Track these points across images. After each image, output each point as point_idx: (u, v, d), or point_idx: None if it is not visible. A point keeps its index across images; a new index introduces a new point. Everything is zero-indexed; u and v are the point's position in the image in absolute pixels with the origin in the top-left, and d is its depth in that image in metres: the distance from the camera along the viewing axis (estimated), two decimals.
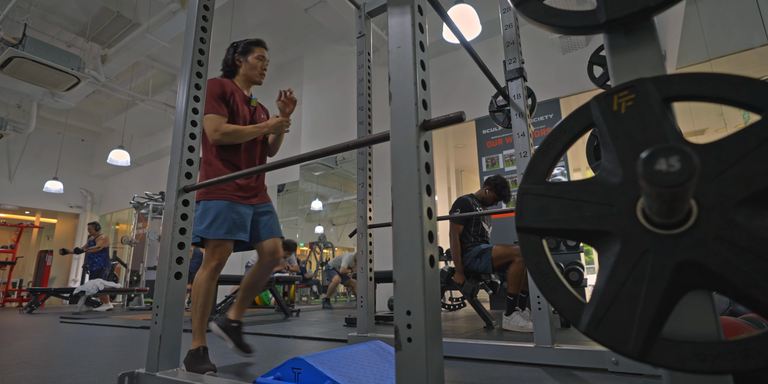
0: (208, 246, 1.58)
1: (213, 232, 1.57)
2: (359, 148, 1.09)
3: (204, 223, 1.58)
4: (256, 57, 1.78)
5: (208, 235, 1.56)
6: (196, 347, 1.47)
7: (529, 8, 0.59)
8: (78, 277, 9.74)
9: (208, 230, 1.57)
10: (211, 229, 1.57)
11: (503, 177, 3.00)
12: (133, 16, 5.68)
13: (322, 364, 1.16)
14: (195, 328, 1.52)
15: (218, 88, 1.66)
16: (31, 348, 2.14)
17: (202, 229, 1.58)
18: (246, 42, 1.80)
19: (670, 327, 0.43)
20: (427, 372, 0.61)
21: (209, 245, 1.58)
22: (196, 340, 1.50)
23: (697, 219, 0.40)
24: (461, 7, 3.44)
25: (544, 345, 1.53)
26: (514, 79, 1.80)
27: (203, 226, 1.58)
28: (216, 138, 1.61)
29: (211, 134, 1.61)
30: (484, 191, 3.00)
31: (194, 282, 1.56)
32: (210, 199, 1.62)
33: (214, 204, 1.61)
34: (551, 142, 0.53)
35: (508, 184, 2.95)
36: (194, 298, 1.55)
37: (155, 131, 9.19)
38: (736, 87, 0.43)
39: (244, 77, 1.79)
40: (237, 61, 1.79)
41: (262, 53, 1.80)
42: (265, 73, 1.83)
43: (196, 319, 1.53)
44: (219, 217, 1.59)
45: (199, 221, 1.60)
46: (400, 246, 0.67)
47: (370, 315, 1.90)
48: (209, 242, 1.58)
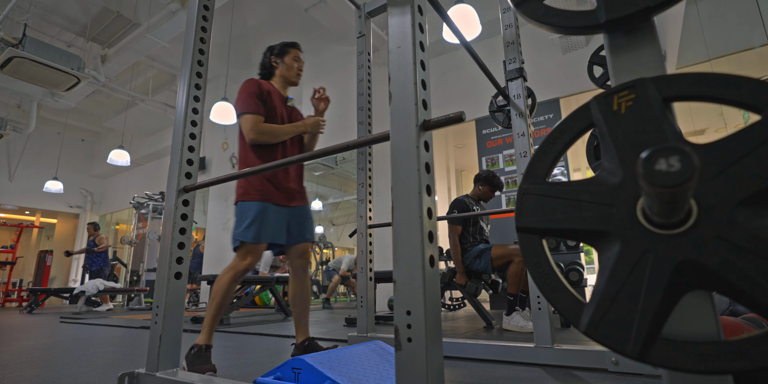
0: (241, 248, 1.57)
1: (249, 235, 1.56)
2: (359, 148, 1.09)
3: (242, 226, 1.57)
4: (293, 58, 1.82)
5: (246, 238, 1.55)
6: (200, 344, 1.46)
7: (529, 8, 0.59)
8: (78, 277, 9.74)
9: (246, 233, 1.56)
10: (248, 232, 1.56)
11: (488, 169, 3.08)
12: (133, 16, 5.68)
13: (322, 364, 1.16)
14: (205, 325, 1.51)
15: (255, 87, 1.66)
16: (31, 348, 2.14)
17: (240, 232, 1.57)
18: (282, 44, 1.85)
19: (670, 327, 0.43)
20: (427, 372, 0.61)
21: (243, 247, 1.57)
22: (203, 336, 1.49)
23: (697, 219, 0.40)
24: (461, 7, 3.44)
25: (544, 345, 1.53)
26: (514, 79, 1.80)
27: (241, 229, 1.57)
28: (252, 137, 1.60)
29: (248, 133, 1.61)
30: (477, 189, 3.02)
31: (217, 280, 1.56)
32: (247, 200, 1.61)
33: (251, 206, 1.60)
34: (551, 142, 0.53)
35: (496, 174, 3.01)
36: (213, 295, 1.55)
37: (155, 131, 9.19)
38: (735, 87, 0.43)
39: (281, 78, 1.83)
40: (274, 62, 1.83)
41: (297, 54, 1.85)
42: (301, 74, 1.86)
43: (209, 317, 1.52)
44: (256, 220, 1.57)
45: (238, 224, 1.59)
46: (400, 246, 0.67)
47: (370, 315, 1.90)
48: (244, 245, 1.57)
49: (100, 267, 6.14)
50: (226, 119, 5.26)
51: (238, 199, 1.63)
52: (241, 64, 7.00)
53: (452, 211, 2.88)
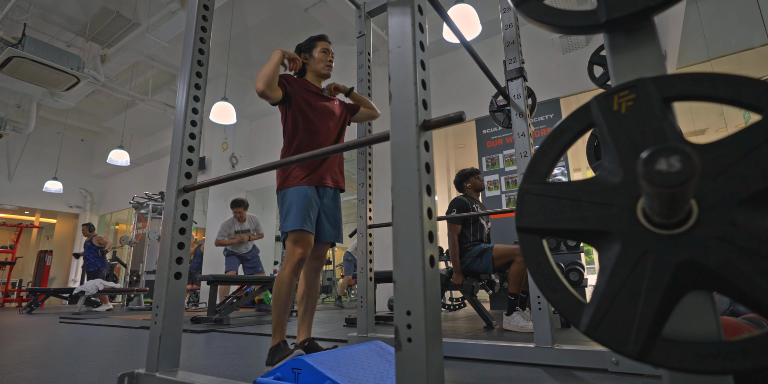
0: (288, 239, 1.53)
1: (291, 224, 1.51)
2: (359, 148, 1.09)
3: (283, 215, 1.54)
4: (321, 50, 1.81)
5: (286, 227, 1.50)
6: (276, 343, 1.45)
7: (529, 8, 0.59)
8: (77, 278, 9.73)
9: (285, 223, 1.50)
10: (288, 221, 1.51)
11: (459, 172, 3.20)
12: (132, 15, 5.68)
13: (322, 364, 1.16)
14: (275, 326, 1.48)
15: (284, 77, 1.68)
16: (31, 348, 2.14)
17: (282, 221, 1.52)
18: (309, 39, 1.83)
19: (671, 327, 0.43)
20: (427, 372, 0.61)
21: (289, 238, 1.52)
22: (276, 336, 1.48)
23: (697, 219, 0.40)
24: (461, 6, 3.44)
25: (544, 345, 1.53)
26: (515, 79, 1.80)
27: (282, 218, 1.53)
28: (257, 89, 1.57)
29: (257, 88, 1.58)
30: (467, 187, 3.06)
31: (277, 278, 1.52)
32: (287, 186, 1.58)
33: (291, 192, 1.56)
34: (551, 142, 0.53)
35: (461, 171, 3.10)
36: (276, 294, 1.51)
37: (155, 131, 9.19)
38: (736, 87, 0.43)
39: (313, 73, 1.81)
40: (304, 59, 1.81)
41: (325, 46, 1.82)
42: (332, 66, 1.84)
43: (276, 316, 1.50)
44: (295, 206, 1.53)
45: (281, 213, 1.56)
46: (400, 246, 0.67)
47: (370, 315, 1.90)
48: (289, 235, 1.52)
49: (98, 268, 6.13)
50: (226, 119, 5.25)
51: (280, 187, 1.60)
52: (241, 64, 7.00)
53: (451, 211, 2.88)
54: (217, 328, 2.96)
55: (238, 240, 4.67)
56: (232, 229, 4.75)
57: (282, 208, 1.59)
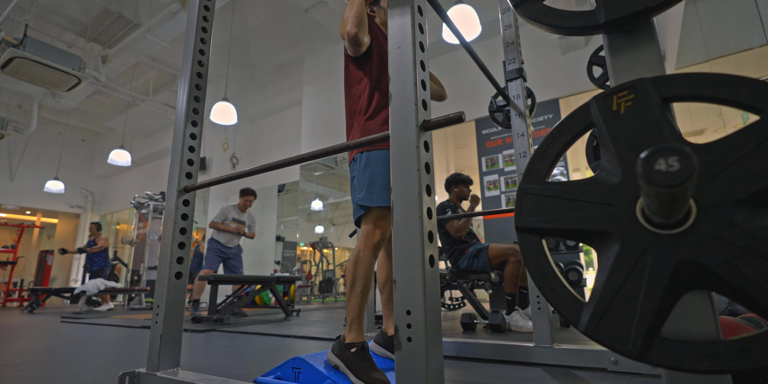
0: (370, 215, 1.24)
1: (377, 198, 1.22)
2: (359, 148, 1.09)
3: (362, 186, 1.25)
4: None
5: (371, 201, 1.22)
6: (356, 342, 1.15)
7: (528, 9, 0.60)
8: (79, 277, 9.74)
9: (370, 195, 1.22)
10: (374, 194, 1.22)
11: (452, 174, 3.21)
12: (133, 16, 5.69)
13: (322, 364, 1.16)
14: (354, 318, 1.19)
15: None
16: (32, 348, 2.14)
17: (362, 196, 1.23)
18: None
19: (670, 327, 0.44)
20: (427, 371, 0.61)
21: (372, 215, 1.24)
22: (353, 332, 1.18)
23: (696, 219, 0.41)
24: (461, 7, 3.44)
25: (543, 345, 1.53)
26: (514, 80, 1.80)
27: (363, 193, 1.23)
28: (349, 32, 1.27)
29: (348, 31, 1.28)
30: (453, 192, 3.10)
31: (353, 261, 1.23)
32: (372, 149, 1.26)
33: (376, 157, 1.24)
34: (551, 142, 0.53)
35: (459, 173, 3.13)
36: (352, 280, 1.21)
37: (156, 131, 9.20)
38: (734, 87, 0.43)
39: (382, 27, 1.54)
40: (371, 12, 1.54)
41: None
42: None
43: (356, 307, 1.19)
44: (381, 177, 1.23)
45: (360, 187, 1.26)
46: (400, 246, 0.67)
47: (370, 315, 1.90)
48: (373, 211, 1.23)
49: (101, 267, 6.15)
50: (227, 119, 5.26)
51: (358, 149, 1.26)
52: (241, 65, 7.00)
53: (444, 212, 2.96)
54: (218, 328, 2.96)
55: (234, 228, 4.38)
56: (230, 215, 4.46)
57: (361, 176, 1.27)
